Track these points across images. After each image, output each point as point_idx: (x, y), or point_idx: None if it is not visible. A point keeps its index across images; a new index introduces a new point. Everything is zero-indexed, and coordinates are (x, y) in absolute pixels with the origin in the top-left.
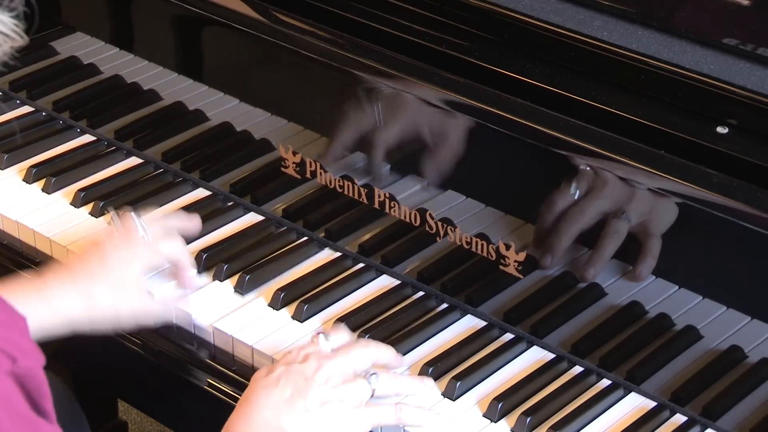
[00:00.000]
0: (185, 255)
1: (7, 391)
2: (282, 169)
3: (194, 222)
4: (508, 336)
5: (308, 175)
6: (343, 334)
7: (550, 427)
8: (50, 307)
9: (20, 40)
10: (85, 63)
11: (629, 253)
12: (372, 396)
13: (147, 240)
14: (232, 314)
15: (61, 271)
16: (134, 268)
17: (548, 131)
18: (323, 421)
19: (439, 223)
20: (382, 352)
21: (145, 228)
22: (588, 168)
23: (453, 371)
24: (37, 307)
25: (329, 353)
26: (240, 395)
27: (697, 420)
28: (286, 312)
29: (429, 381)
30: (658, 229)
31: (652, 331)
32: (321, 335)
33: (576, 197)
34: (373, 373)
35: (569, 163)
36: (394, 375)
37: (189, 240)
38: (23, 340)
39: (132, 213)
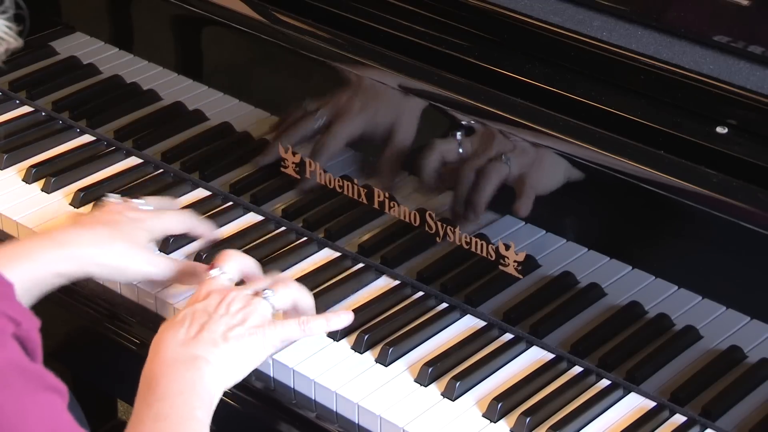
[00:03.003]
0: (194, 220)
1: (15, 353)
2: (282, 169)
3: (213, 235)
4: (508, 336)
5: (308, 175)
6: (233, 260)
7: (549, 427)
8: (64, 251)
9: (15, 43)
10: (85, 63)
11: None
12: (274, 311)
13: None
14: None
15: (77, 225)
16: (143, 230)
17: (548, 131)
18: (233, 348)
19: (439, 223)
20: (278, 277)
21: (146, 202)
22: (589, 167)
23: (453, 371)
24: (53, 252)
25: (229, 285)
26: (241, 396)
27: (696, 420)
28: None
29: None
30: None
31: (651, 331)
32: (213, 269)
33: (573, 193)
34: (267, 289)
35: (568, 163)
36: (286, 285)
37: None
38: (19, 305)
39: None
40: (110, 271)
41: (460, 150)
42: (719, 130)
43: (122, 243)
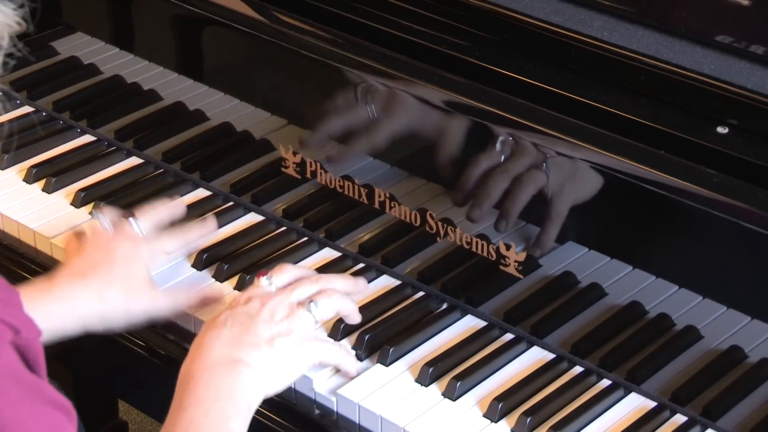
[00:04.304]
0: (189, 241)
1: (12, 361)
2: (282, 169)
3: (180, 207)
4: (509, 336)
5: (308, 175)
6: (286, 274)
7: (550, 428)
8: (62, 307)
9: (18, 28)
10: (86, 63)
11: (620, 248)
12: (316, 323)
13: (145, 237)
14: None
15: (72, 274)
16: (141, 265)
17: (548, 131)
18: (277, 354)
19: (439, 223)
20: (324, 282)
21: (140, 227)
22: (589, 167)
23: (453, 371)
24: (49, 308)
25: (271, 292)
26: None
27: (697, 420)
28: None
29: (361, 281)
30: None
31: (652, 331)
32: (263, 278)
33: (577, 195)
34: (311, 301)
35: (568, 163)
36: (329, 296)
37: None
38: (22, 314)
39: (130, 218)
40: (111, 323)
41: (462, 150)
42: (720, 130)
43: (119, 291)
